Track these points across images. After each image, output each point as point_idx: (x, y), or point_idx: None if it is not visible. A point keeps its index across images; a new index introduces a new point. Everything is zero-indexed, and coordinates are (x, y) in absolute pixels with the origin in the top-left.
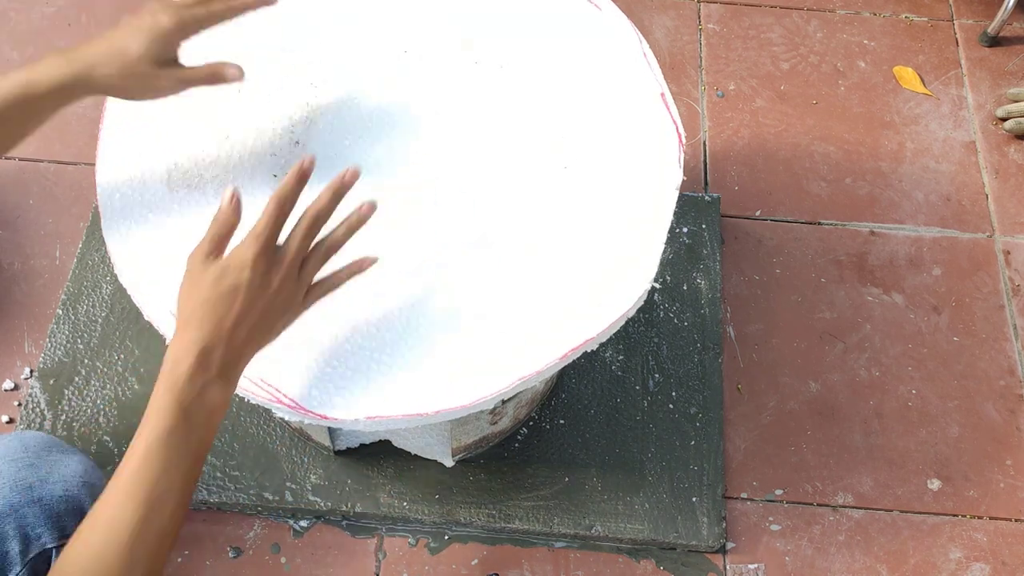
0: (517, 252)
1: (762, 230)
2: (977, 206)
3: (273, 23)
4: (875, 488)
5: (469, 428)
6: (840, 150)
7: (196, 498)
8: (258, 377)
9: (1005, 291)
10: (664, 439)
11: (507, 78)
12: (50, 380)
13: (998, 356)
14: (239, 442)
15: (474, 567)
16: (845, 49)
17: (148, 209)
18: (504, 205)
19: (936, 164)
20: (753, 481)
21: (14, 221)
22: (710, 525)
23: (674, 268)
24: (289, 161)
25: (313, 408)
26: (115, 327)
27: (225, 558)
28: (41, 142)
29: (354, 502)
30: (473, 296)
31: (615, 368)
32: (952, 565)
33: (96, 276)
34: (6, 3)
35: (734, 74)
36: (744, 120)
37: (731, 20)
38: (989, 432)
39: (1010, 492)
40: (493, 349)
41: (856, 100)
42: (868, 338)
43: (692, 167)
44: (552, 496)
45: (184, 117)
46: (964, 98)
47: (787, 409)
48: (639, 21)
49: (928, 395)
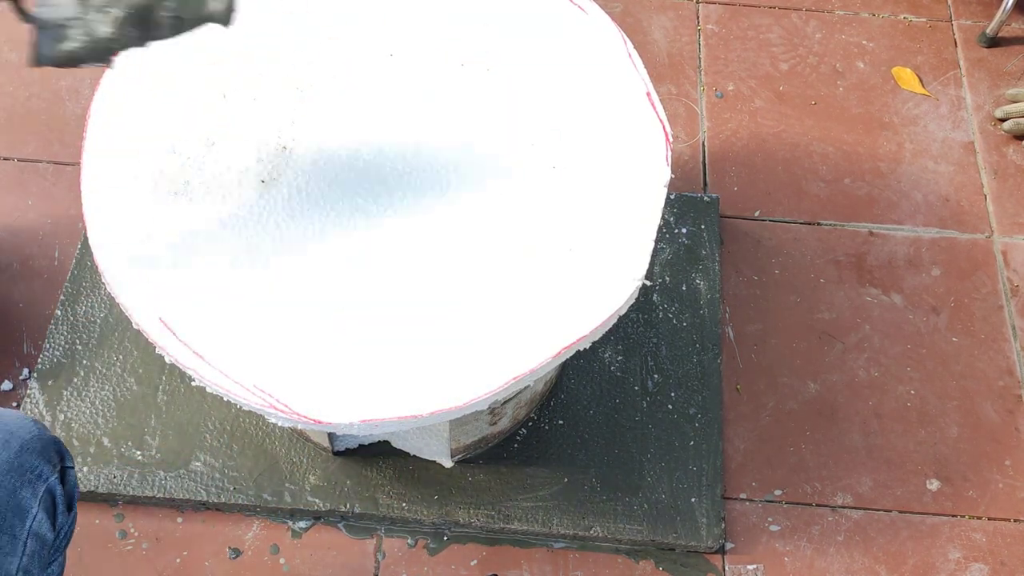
0: (508, 252)
1: (761, 230)
2: (976, 207)
3: (259, 28)
4: (874, 488)
5: (468, 429)
6: (839, 151)
7: (195, 499)
8: (252, 383)
9: (1004, 291)
10: (663, 439)
11: (494, 80)
12: (48, 381)
13: (997, 356)
14: (237, 443)
15: (473, 568)
16: (844, 50)
17: (135, 216)
18: (493, 205)
19: (935, 165)
20: (752, 482)
21: (13, 222)
22: (709, 526)
23: (673, 268)
24: (277, 166)
25: (308, 413)
26: (114, 328)
27: (224, 559)
28: (40, 143)
29: (353, 503)
30: (464, 296)
31: (614, 369)
32: (951, 565)
33: (95, 277)
34: (4, 4)
35: (733, 75)
36: (743, 121)
37: (730, 21)
38: (988, 432)
39: (1009, 492)
40: (486, 349)
41: (855, 101)
42: (867, 338)
43: (691, 167)
44: (551, 497)
45: (170, 123)
46: (963, 99)
47: (786, 409)
48: (638, 22)
49: (927, 395)
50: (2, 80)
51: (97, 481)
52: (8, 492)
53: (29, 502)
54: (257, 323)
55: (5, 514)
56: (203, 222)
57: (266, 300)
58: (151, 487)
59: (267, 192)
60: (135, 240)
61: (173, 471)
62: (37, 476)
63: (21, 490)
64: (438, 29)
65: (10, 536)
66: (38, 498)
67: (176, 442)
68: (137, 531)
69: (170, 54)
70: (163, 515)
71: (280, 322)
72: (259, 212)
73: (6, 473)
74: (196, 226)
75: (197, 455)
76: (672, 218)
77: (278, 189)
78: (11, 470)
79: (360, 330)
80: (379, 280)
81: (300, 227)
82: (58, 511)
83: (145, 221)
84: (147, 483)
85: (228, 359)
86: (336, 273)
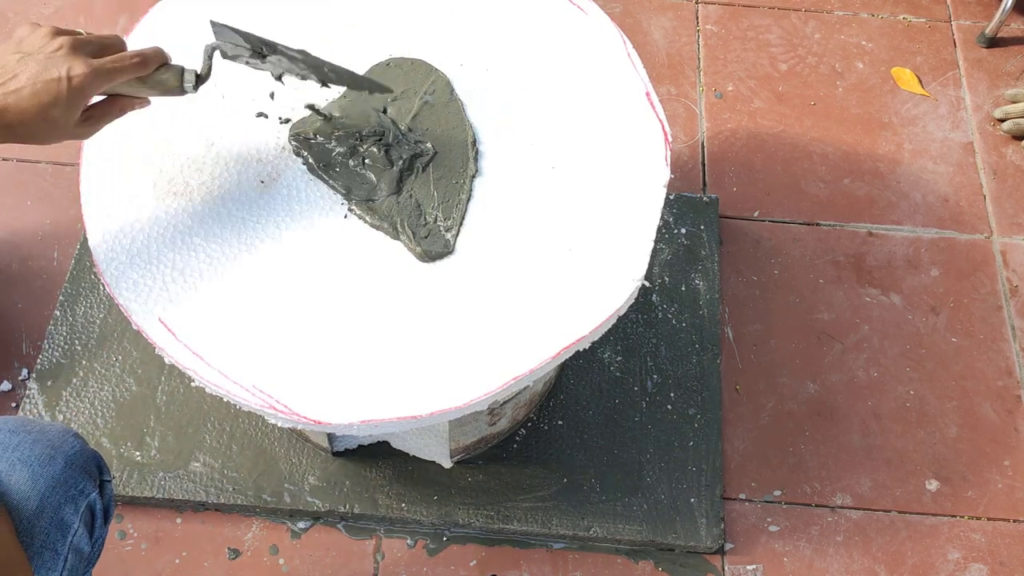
0: (508, 252)
1: (760, 231)
2: (975, 207)
3: (257, 29)
4: (873, 489)
5: (467, 429)
6: (838, 151)
7: (194, 499)
8: (251, 384)
9: (1003, 292)
10: (663, 440)
11: (493, 80)
12: (48, 381)
13: (996, 357)
14: (237, 443)
15: (472, 568)
16: (843, 50)
17: (134, 216)
18: (493, 205)
19: (934, 165)
20: (751, 482)
21: (12, 222)
22: (708, 526)
23: (672, 269)
24: (276, 167)
25: (308, 414)
26: (113, 328)
27: (223, 559)
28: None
29: (352, 503)
30: (463, 297)
31: (614, 369)
32: (950, 566)
33: (94, 277)
34: (4, 4)
35: (732, 75)
36: (742, 121)
37: (729, 21)
38: (987, 433)
39: (1008, 492)
40: (485, 349)
41: (854, 101)
42: (866, 339)
43: (690, 168)
44: (551, 497)
45: (169, 125)
46: (962, 99)
47: (785, 410)
48: (637, 22)
49: (926, 396)
50: None
51: None
52: (53, 509)
53: (71, 518)
54: (257, 323)
55: (49, 531)
56: (202, 223)
57: (266, 300)
58: (150, 487)
59: (267, 192)
60: (134, 241)
61: (172, 471)
62: (80, 492)
63: (65, 506)
64: (437, 29)
65: (52, 552)
66: (79, 514)
67: (175, 442)
68: (136, 531)
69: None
70: (162, 515)
71: (280, 323)
72: (259, 212)
73: (52, 490)
74: (195, 227)
75: (196, 456)
76: (671, 218)
77: (278, 189)
78: (56, 486)
79: (360, 330)
80: (379, 280)
81: (299, 227)
82: (96, 524)
83: (144, 222)
84: (146, 483)
85: (227, 359)
86: (336, 273)
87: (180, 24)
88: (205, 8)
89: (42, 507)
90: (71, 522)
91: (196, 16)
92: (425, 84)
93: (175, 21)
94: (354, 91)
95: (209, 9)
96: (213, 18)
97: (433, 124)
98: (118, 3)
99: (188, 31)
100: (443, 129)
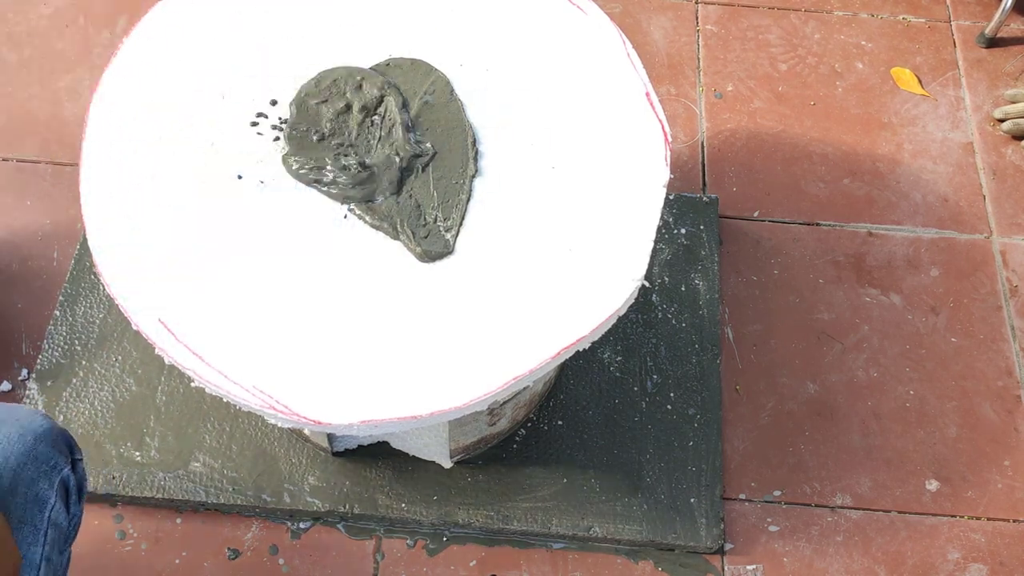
0: (507, 252)
1: (760, 231)
2: (975, 207)
3: (257, 30)
4: (873, 489)
5: (467, 429)
6: (838, 151)
7: (194, 499)
8: (251, 384)
9: (1003, 292)
10: (662, 440)
11: (493, 80)
12: (47, 382)
13: (996, 357)
14: (236, 443)
15: (472, 568)
16: (843, 50)
17: (133, 219)
18: (492, 206)
19: (934, 165)
20: (751, 482)
21: (12, 222)
22: (708, 526)
23: (672, 269)
24: (277, 167)
25: (307, 414)
26: (113, 328)
27: (223, 559)
28: (39, 143)
29: (352, 503)
30: (463, 297)
31: (613, 369)
32: (950, 566)
33: (93, 278)
34: (3, 4)
35: (732, 75)
36: (742, 121)
37: (729, 21)
38: (987, 433)
39: (1008, 492)
40: (485, 349)
41: (854, 101)
42: (866, 339)
43: (690, 168)
44: (550, 497)
45: (169, 124)
46: (962, 99)
47: (785, 410)
48: (637, 22)
49: (926, 396)
50: (2, 80)
51: (96, 482)
52: (27, 484)
53: (47, 493)
54: (256, 323)
55: (26, 506)
56: (202, 223)
57: (265, 301)
58: (150, 488)
59: (267, 192)
60: (134, 241)
61: (172, 472)
62: (52, 467)
63: (39, 481)
64: (437, 29)
65: (32, 527)
66: (55, 488)
67: (175, 443)
68: (136, 532)
69: (168, 55)
70: (162, 516)
71: (280, 322)
72: (258, 212)
73: (24, 465)
74: (195, 227)
75: (196, 456)
76: (671, 218)
77: (278, 189)
78: (29, 462)
79: (359, 331)
80: (379, 281)
81: (299, 228)
82: (71, 500)
83: (144, 222)
84: (146, 484)
85: (227, 360)
86: (335, 273)
87: (180, 24)
88: (205, 8)
89: (16, 483)
90: (47, 497)
91: (196, 16)
92: (425, 84)
93: (175, 21)
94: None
95: (209, 9)
96: (214, 19)
97: (433, 124)
98: (118, 3)
99: (188, 31)
100: (443, 129)
